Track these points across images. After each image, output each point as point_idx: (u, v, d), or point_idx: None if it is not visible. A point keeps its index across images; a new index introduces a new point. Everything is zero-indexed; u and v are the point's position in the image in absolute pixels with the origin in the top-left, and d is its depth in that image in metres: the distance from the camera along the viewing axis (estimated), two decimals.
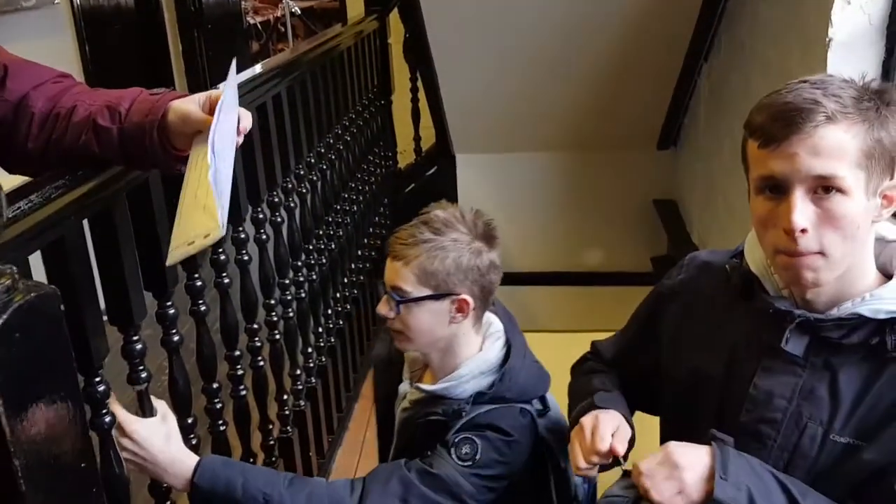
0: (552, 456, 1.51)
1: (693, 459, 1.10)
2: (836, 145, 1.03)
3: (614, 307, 4.85)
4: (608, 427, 1.28)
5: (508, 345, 1.51)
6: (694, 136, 4.18)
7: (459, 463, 1.39)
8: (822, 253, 1.06)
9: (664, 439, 1.42)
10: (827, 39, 2.21)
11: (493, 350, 1.50)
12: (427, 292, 1.42)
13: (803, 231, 1.04)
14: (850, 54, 2.21)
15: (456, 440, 1.40)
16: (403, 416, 1.55)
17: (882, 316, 1.08)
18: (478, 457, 1.39)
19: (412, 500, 1.37)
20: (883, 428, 1.08)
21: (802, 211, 1.04)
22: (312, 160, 2.56)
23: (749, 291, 1.21)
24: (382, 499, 1.37)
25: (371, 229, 3.54)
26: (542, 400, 1.52)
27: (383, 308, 1.45)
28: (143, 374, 1.37)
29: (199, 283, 1.64)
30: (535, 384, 1.51)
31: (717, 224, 3.67)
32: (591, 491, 1.63)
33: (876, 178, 1.06)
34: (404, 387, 1.57)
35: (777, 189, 1.08)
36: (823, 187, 1.04)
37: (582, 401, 1.40)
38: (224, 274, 1.79)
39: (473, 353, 1.49)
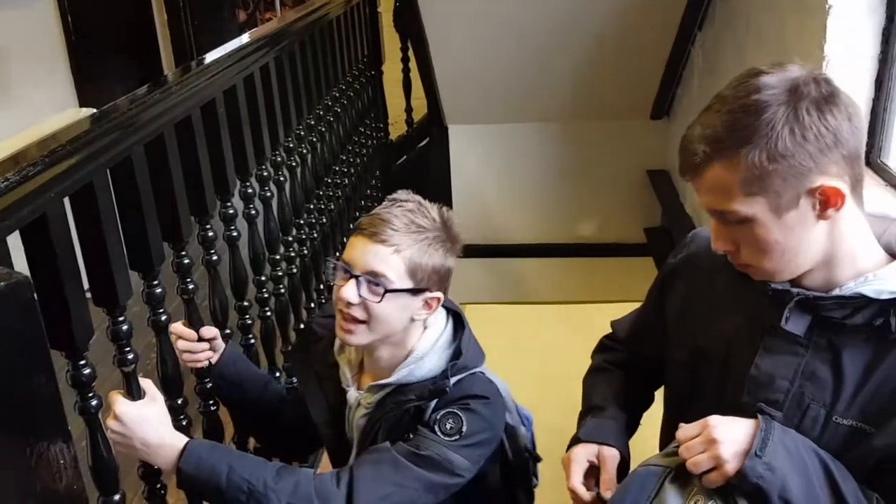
0: None
1: (732, 434, 1.06)
2: (718, 184, 1.05)
3: (608, 278, 4.87)
4: (578, 469, 1.34)
5: (454, 314, 1.50)
6: (687, 105, 4.14)
7: (447, 439, 1.37)
8: (754, 266, 1.10)
9: (666, 418, 1.40)
10: (827, 6, 2.17)
11: (439, 322, 1.48)
12: (409, 285, 1.37)
13: (727, 251, 1.11)
14: (849, 22, 2.18)
15: (438, 417, 1.38)
16: (363, 421, 1.49)
17: (885, 296, 1.05)
18: (464, 428, 1.37)
19: (407, 482, 1.34)
20: (891, 412, 1.06)
21: (720, 236, 1.11)
22: (302, 132, 2.52)
23: None
24: (376, 485, 1.33)
25: (363, 202, 3.49)
26: None
27: (350, 293, 1.35)
28: (130, 356, 1.33)
29: (186, 261, 1.60)
30: (481, 353, 1.50)
31: None
32: (532, 437, 1.67)
33: (789, 191, 1.02)
34: (353, 394, 1.51)
35: None
36: (727, 220, 1.08)
37: (585, 405, 1.47)
38: (212, 251, 1.75)
39: (418, 338, 1.46)
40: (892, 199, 2.10)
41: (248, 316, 1.99)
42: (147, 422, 1.31)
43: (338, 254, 2.93)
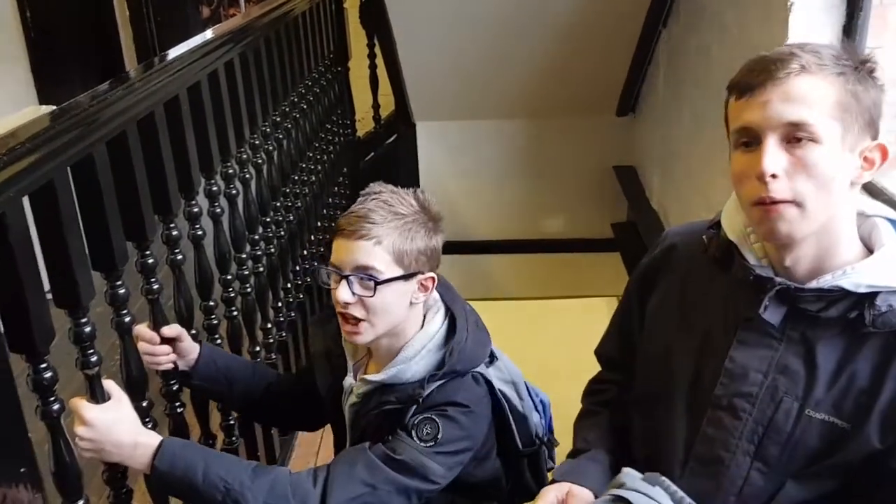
0: (508, 401, 1.51)
1: None
2: (809, 93, 1.04)
3: (575, 273, 4.90)
4: None
5: (450, 315, 1.49)
6: (652, 102, 4.17)
7: (422, 444, 1.37)
8: (794, 202, 1.05)
9: (637, 421, 1.39)
10: (789, 4, 2.20)
11: (435, 324, 1.47)
12: (399, 272, 1.38)
13: (774, 176, 1.04)
14: (811, 19, 2.21)
15: (416, 422, 1.38)
16: (353, 410, 1.50)
17: (862, 290, 1.06)
18: (440, 436, 1.38)
19: (380, 484, 1.35)
20: (867, 409, 1.07)
21: (774, 156, 1.05)
22: (268, 129, 2.49)
23: (727, 261, 1.18)
24: (349, 485, 1.34)
25: (330, 200, 3.47)
26: (490, 353, 1.51)
27: (344, 293, 1.37)
28: (94, 359, 1.31)
29: (150, 261, 1.57)
30: (482, 350, 1.49)
31: (676, 189, 3.68)
32: (549, 424, 1.67)
33: (853, 134, 1.05)
34: (349, 381, 1.51)
35: (752, 141, 1.08)
36: (796, 136, 1.04)
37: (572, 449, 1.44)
38: (177, 250, 1.72)
39: (417, 329, 1.46)
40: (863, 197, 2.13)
41: (214, 316, 1.96)
42: (117, 424, 1.30)
43: (305, 251, 2.92)
